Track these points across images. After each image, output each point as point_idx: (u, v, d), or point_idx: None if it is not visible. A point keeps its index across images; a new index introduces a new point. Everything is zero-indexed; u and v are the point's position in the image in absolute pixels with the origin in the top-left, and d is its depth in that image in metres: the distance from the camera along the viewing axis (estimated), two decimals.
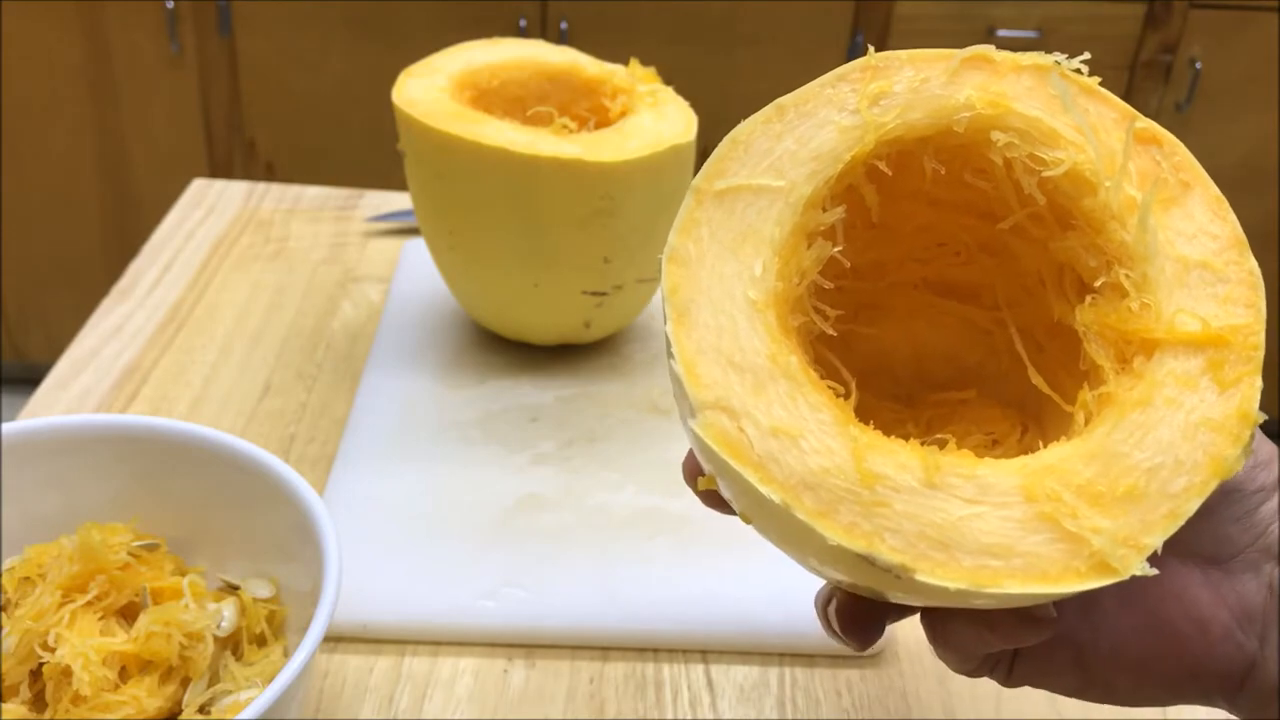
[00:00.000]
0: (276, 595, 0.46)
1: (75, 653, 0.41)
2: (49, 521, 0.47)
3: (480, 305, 0.67)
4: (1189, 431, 0.29)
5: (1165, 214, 0.31)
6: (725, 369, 0.30)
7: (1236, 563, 0.34)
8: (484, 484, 0.58)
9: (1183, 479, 0.28)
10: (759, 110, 0.33)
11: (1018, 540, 0.28)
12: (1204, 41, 1.76)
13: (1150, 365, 0.30)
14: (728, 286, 0.30)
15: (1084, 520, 0.28)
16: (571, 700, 0.48)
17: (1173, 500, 0.28)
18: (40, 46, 1.68)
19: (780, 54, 1.74)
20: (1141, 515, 0.28)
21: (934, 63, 0.32)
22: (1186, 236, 0.31)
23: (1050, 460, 0.29)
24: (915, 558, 0.27)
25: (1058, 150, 0.31)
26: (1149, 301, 0.30)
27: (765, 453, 0.29)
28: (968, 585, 0.27)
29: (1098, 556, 0.27)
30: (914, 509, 0.28)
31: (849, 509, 0.28)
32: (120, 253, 1.77)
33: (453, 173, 0.60)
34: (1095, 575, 0.27)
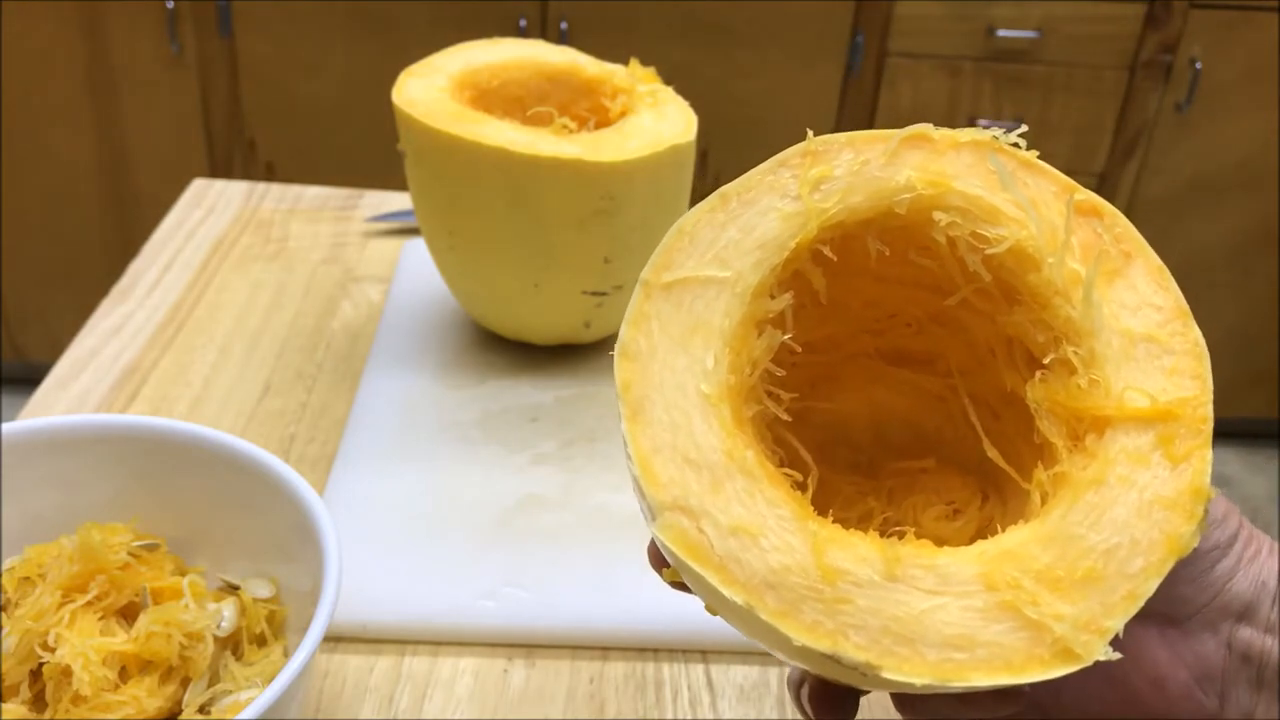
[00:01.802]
0: (276, 595, 0.46)
1: (75, 653, 0.41)
2: (49, 521, 0.47)
3: (480, 305, 0.67)
4: (1144, 510, 0.29)
5: (1109, 287, 0.31)
6: (681, 467, 0.29)
7: (1193, 622, 0.34)
8: (484, 484, 0.58)
9: (1140, 559, 0.28)
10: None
11: (980, 630, 0.28)
12: (1204, 41, 1.76)
13: (1102, 443, 0.30)
14: (680, 380, 0.30)
15: (1045, 607, 0.28)
16: (571, 700, 0.48)
17: (1131, 581, 0.28)
18: (41, 46, 1.68)
19: (780, 54, 1.74)
20: (1101, 598, 0.28)
21: (873, 144, 0.32)
22: (1131, 309, 0.31)
23: (1008, 545, 0.29)
24: (880, 654, 0.27)
25: (999, 227, 0.32)
26: (1097, 377, 0.30)
27: (726, 553, 0.28)
28: (933, 680, 0.27)
29: (1061, 643, 0.28)
30: (876, 603, 0.28)
31: (811, 607, 0.28)
32: (120, 253, 1.77)
33: (453, 173, 0.60)
34: (1059, 663, 0.27)
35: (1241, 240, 1.93)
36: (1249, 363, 2.04)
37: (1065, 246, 0.31)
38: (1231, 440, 2.19)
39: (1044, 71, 1.79)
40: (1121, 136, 1.84)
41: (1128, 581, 0.28)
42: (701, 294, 0.31)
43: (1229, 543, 0.34)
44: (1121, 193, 1.89)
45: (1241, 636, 0.33)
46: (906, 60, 1.77)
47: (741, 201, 0.32)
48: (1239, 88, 1.80)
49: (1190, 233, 1.92)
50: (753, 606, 0.28)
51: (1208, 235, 1.92)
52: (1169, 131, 1.83)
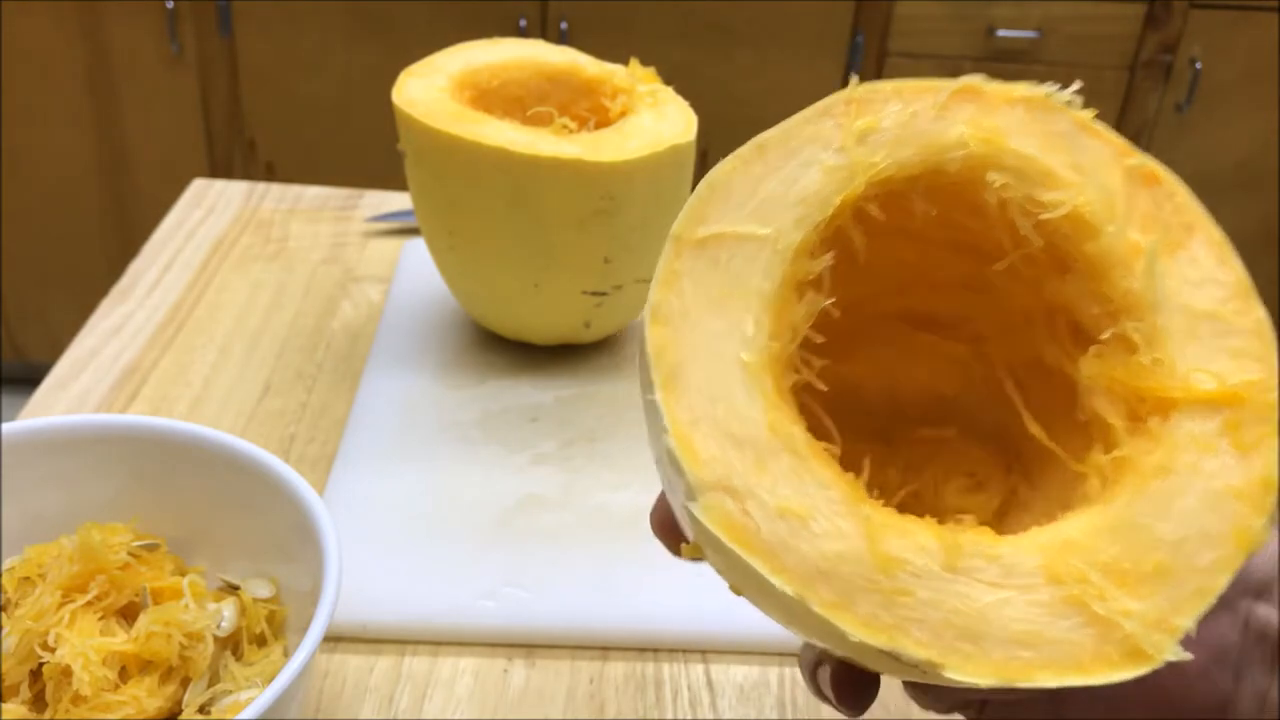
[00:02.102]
0: (276, 595, 0.46)
1: (75, 653, 0.41)
2: (49, 521, 0.47)
3: (480, 305, 0.67)
4: (1213, 501, 0.27)
5: (1170, 259, 0.30)
6: (723, 443, 0.27)
7: None
8: (484, 484, 0.58)
9: (1210, 553, 0.27)
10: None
11: (1047, 627, 0.26)
12: (1204, 41, 1.76)
13: (1167, 427, 0.28)
14: (718, 347, 0.28)
15: (1113, 603, 0.27)
16: (571, 700, 0.48)
17: (1201, 576, 0.27)
18: (40, 46, 1.68)
19: (780, 54, 1.74)
20: (1170, 594, 0.27)
21: (922, 95, 0.30)
22: (1193, 284, 0.30)
23: (1071, 535, 0.28)
24: (943, 652, 0.26)
25: (1055, 191, 0.30)
26: (1161, 357, 0.29)
27: (774, 538, 0.26)
28: (998, 680, 0.26)
29: (1130, 642, 0.26)
30: (936, 596, 0.26)
31: (868, 599, 0.26)
32: (120, 252, 1.77)
33: (453, 173, 0.60)
34: (1129, 663, 0.26)
35: (1241, 240, 1.91)
36: None
37: (1126, 216, 0.29)
38: None
39: (1044, 71, 1.79)
40: (1122, 136, 1.84)
41: (1197, 576, 0.27)
42: (739, 251, 0.29)
43: None
44: None
45: (1259, 614, 0.33)
46: (907, 60, 1.77)
47: (782, 152, 0.30)
48: (1239, 88, 1.80)
49: None
50: (805, 598, 0.26)
51: None
52: (1169, 131, 1.83)
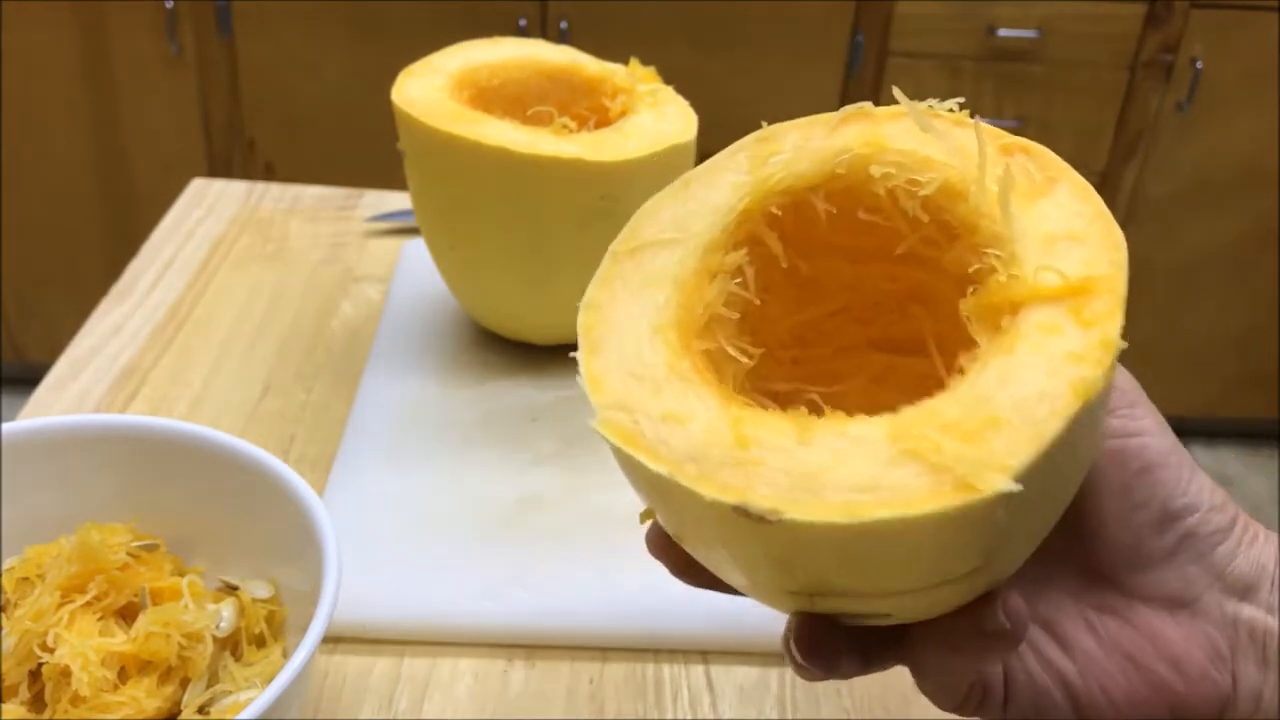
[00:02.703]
0: (276, 596, 0.46)
1: (74, 653, 0.41)
2: (48, 522, 0.47)
3: (480, 305, 0.67)
4: (1052, 366, 0.29)
5: (1033, 205, 0.32)
6: (626, 380, 0.32)
7: (1200, 604, 0.35)
8: (484, 484, 0.58)
9: (1046, 405, 0.28)
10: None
11: (884, 476, 0.28)
12: (1205, 41, 1.76)
13: (1016, 321, 0.30)
14: (634, 320, 0.33)
15: (948, 451, 0.28)
16: (571, 700, 0.48)
17: (1036, 425, 0.28)
18: (40, 46, 1.68)
19: (780, 54, 1.74)
20: (1005, 440, 0.28)
21: (817, 124, 0.35)
22: (1053, 219, 0.32)
23: (918, 411, 0.30)
24: (785, 501, 0.28)
25: (931, 172, 0.33)
26: (1016, 273, 0.31)
27: (656, 437, 0.31)
28: (836, 518, 0.27)
29: (962, 480, 0.27)
30: (786, 462, 0.29)
31: (726, 471, 0.29)
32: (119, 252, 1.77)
33: (452, 172, 0.60)
34: (960, 494, 0.27)
35: (1242, 240, 1.93)
36: (1249, 363, 2.04)
37: (982, 166, 0.32)
38: (1231, 440, 2.19)
39: (1045, 71, 1.79)
40: (1122, 136, 1.84)
41: (1032, 425, 0.28)
42: (659, 254, 0.35)
43: (1228, 527, 0.35)
44: (1123, 192, 1.89)
45: (1245, 616, 0.34)
46: (907, 60, 1.77)
47: (703, 183, 0.36)
48: (1239, 88, 1.80)
49: (1191, 232, 1.92)
50: (674, 475, 0.30)
51: (1208, 235, 1.92)
52: (1170, 131, 1.83)
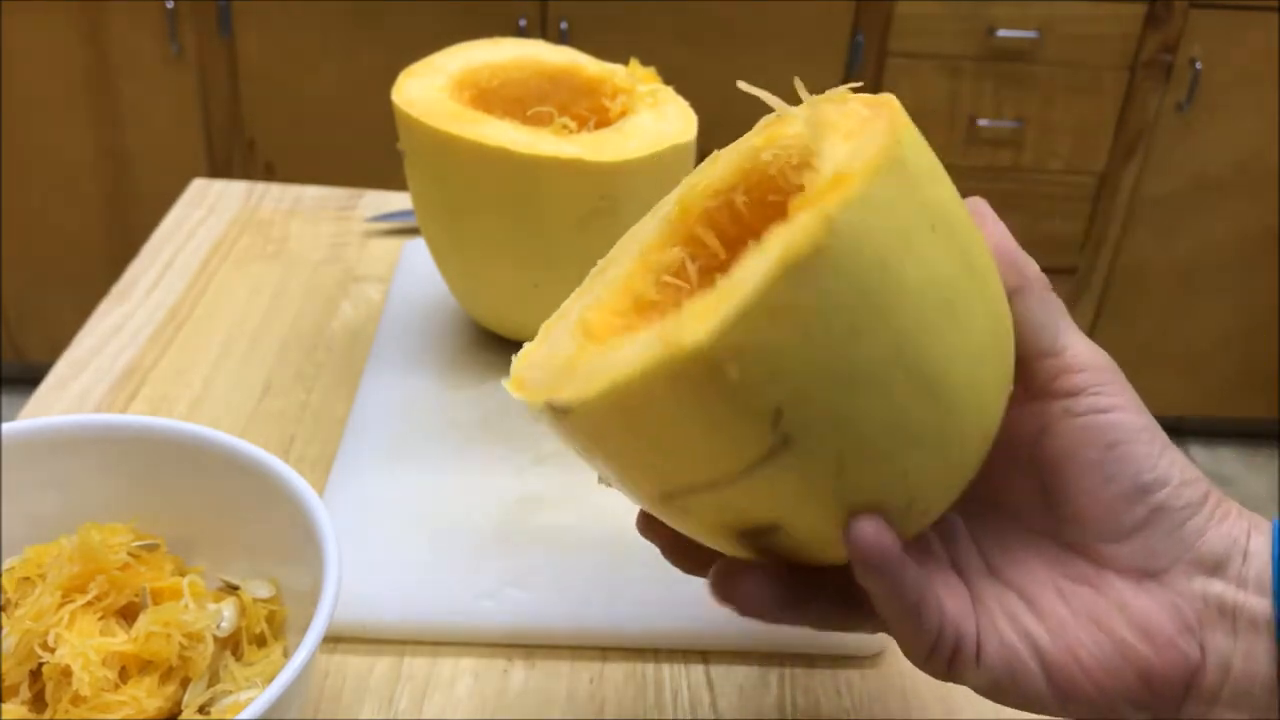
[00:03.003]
0: (276, 595, 0.46)
1: (75, 653, 0.41)
2: (49, 522, 0.47)
3: (480, 305, 0.67)
4: (768, 248, 0.30)
5: (850, 140, 0.33)
6: (543, 351, 0.35)
7: (1169, 576, 0.36)
8: (484, 484, 0.58)
9: (751, 274, 0.29)
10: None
11: (636, 356, 0.30)
12: (1204, 41, 1.76)
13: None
14: (570, 315, 0.37)
15: (671, 325, 0.30)
16: (571, 700, 0.48)
17: (739, 288, 0.29)
18: (41, 46, 1.68)
19: (780, 54, 1.74)
20: (716, 305, 0.29)
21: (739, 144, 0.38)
22: (853, 146, 0.33)
23: (683, 310, 0.31)
24: (572, 393, 0.31)
25: (794, 142, 0.36)
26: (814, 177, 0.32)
27: (531, 377, 0.34)
28: (593, 392, 0.31)
29: (669, 339, 0.29)
30: (591, 365, 0.32)
31: (559, 382, 0.33)
32: (120, 252, 1.77)
33: (453, 173, 0.60)
34: (666, 350, 0.29)
35: (1242, 240, 1.93)
36: (1249, 363, 2.04)
37: (812, 122, 0.34)
38: (1231, 440, 2.19)
39: (1044, 71, 1.79)
40: (1122, 136, 1.84)
41: (737, 289, 0.29)
42: (611, 266, 0.39)
43: (1199, 502, 0.36)
44: (1122, 192, 1.89)
45: (1215, 590, 0.35)
46: (906, 60, 1.77)
47: (658, 205, 0.40)
48: (1239, 88, 1.80)
49: (1191, 232, 1.92)
50: (524, 397, 0.33)
51: (1208, 235, 1.92)
52: (1169, 131, 1.83)
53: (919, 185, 0.32)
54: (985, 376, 0.34)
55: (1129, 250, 1.93)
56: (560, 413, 0.32)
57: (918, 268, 0.31)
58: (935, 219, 0.32)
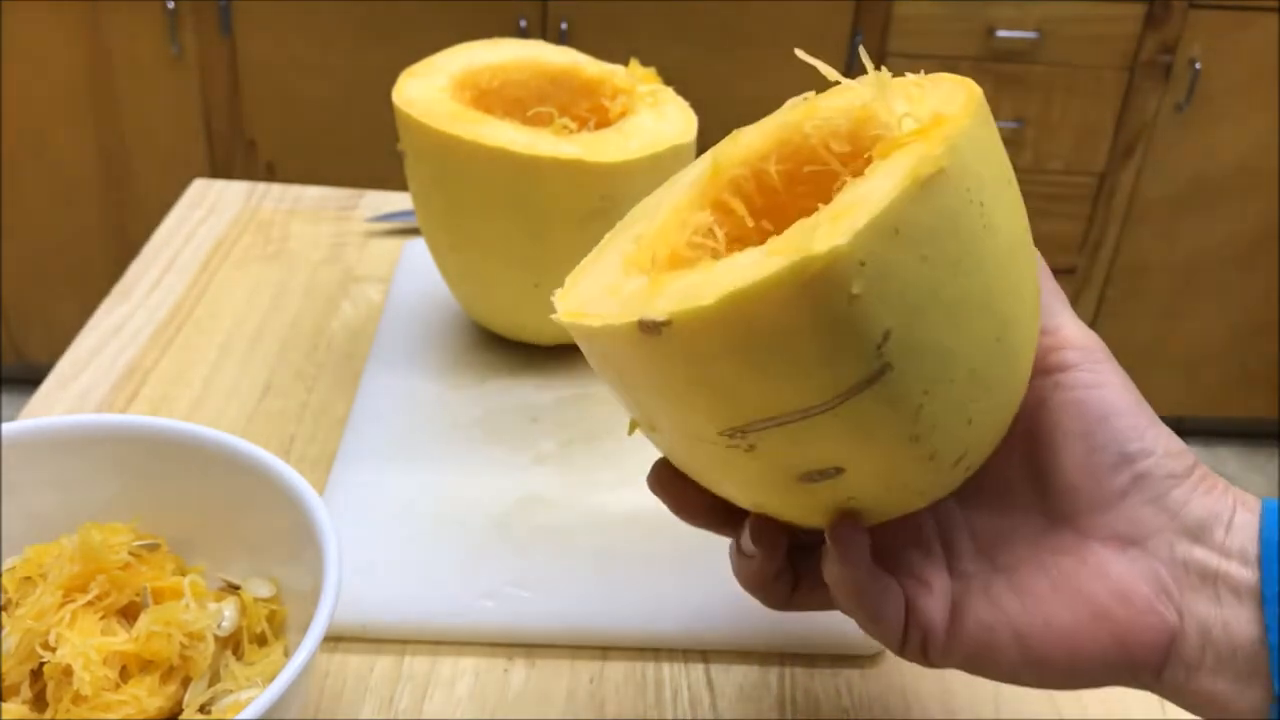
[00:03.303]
0: (277, 595, 0.46)
1: (76, 652, 0.41)
2: (50, 521, 0.47)
3: (480, 305, 0.67)
4: (892, 168, 0.31)
5: (919, 102, 0.34)
6: (591, 290, 0.35)
7: (1151, 543, 0.36)
8: (484, 484, 0.58)
9: (881, 188, 0.30)
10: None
11: (750, 270, 0.30)
12: (1204, 42, 1.76)
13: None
14: (607, 262, 0.37)
15: (793, 239, 0.30)
16: (571, 700, 0.48)
17: (871, 203, 0.29)
18: (41, 47, 1.68)
19: (780, 54, 1.74)
20: (846, 220, 0.29)
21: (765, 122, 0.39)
22: (930, 100, 0.34)
23: (791, 230, 0.31)
24: (673, 306, 0.30)
25: (847, 115, 0.36)
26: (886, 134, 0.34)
27: (595, 310, 0.34)
28: (706, 301, 0.30)
29: (798, 247, 0.29)
30: (683, 286, 0.32)
31: (638, 305, 0.32)
32: (121, 253, 1.77)
33: (453, 173, 0.60)
34: (795, 255, 0.29)
35: (1241, 240, 1.93)
36: (1248, 363, 2.04)
37: (880, 88, 0.35)
38: (1231, 440, 2.19)
39: (1043, 72, 1.79)
40: (1121, 137, 1.84)
41: (868, 204, 0.29)
42: (635, 224, 0.39)
43: (1185, 474, 0.37)
44: (1121, 193, 1.89)
45: (1196, 556, 0.36)
46: (906, 61, 1.77)
47: (677, 176, 0.41)
48: (1238, 88, 1.80)
49: (1190, 233, 1.92)
50: (597, 321, 0.33)
51: (1207, 235, 1.93)
52: (1168, 132, 1.83)
53: (998, 140, 0.34)
54: (1032, 337, 0.36)
55: (1128, 250, 1.93)
56: (652, 330, 0.31)
57: (1004, 215, 0.32)
58: (1009, 175, 0.34)
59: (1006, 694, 0.49)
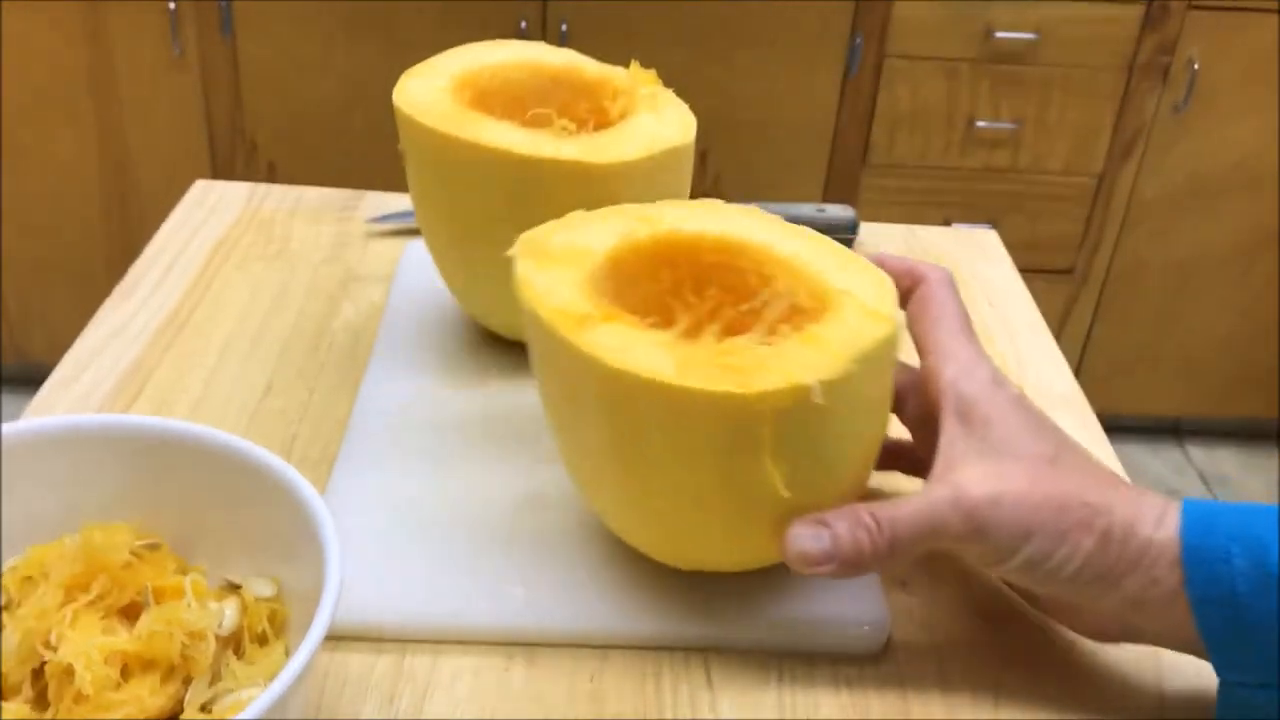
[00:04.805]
0: (278, 594, 0.46)
1: (77, 652, 0.41)
2: (51, 521, 0.47)
3: (481, 306, 0.68)
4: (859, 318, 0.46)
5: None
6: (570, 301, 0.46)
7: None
8: (485, 484, 0.58)
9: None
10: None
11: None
12: (1202, 42, 1.76)
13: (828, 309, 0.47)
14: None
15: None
16: (571, 700, 0.48)
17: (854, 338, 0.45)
18: (43, 48, 1.69)
19: (780, 56, 1.75)
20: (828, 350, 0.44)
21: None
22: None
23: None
24: None
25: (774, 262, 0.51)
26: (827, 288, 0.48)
27: (639, 360, 0.44)
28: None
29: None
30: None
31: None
32: (122, 253, 1.77)
33: (453, 174, 0.61)
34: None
35: (1240, 241, 1.93)
36: (1248, 363, 2.04)
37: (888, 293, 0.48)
38: (1230, 440, 2.19)
39: (1042, 73, 1.79)
40: (1119, 137, 1.84)
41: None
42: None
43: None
44: (1120, 193, 1.89)
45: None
46: (905, 62, 1.77)
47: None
48: (1237, 89, 1.80)
49: (1189, 233, 1.93)
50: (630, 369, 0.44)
51: (1206, 236, 1.93)
52: (1167, 132, 1.84)
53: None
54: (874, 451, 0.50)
55: (1127, 251, 1.93)
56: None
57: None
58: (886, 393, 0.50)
59: (1006, 693, 0.49)
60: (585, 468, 0.51)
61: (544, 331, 0.46)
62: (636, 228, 0.51)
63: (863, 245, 0.84)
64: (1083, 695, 0.49)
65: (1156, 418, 2.13)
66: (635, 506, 0.50)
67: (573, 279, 0.48)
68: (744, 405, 0.43)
